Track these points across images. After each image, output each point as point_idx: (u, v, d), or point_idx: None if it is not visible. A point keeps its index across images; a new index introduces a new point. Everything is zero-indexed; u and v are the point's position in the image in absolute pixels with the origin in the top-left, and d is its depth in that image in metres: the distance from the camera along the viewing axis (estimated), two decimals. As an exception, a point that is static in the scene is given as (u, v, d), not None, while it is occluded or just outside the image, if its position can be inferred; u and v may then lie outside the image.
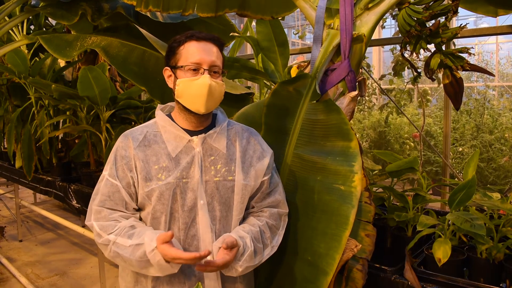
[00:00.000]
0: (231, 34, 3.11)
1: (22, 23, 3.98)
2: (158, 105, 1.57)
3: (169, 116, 1.51)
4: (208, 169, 1.45)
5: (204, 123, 1.49)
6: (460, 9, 2.20)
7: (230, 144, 1.50)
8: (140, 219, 1.47)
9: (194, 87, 1.38)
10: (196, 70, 1.39)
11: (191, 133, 1.46)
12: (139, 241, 1.33)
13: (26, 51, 4.04)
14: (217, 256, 1.35)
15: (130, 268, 1.41)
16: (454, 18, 1.98)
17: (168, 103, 1.57)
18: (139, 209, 1.47)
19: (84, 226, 4.73)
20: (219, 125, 1.50)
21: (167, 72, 1.48)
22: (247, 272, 1.44)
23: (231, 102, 2.26)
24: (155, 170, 1.40)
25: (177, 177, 1.40)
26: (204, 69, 1.39)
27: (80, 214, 3.93)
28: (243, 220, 1.52)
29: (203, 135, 1.46)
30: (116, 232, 1.37)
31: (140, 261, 1.32)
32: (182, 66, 1.40)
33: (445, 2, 1.90)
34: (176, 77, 1.43)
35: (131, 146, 1.43)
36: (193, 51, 1.40)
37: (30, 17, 4.03)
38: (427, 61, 2.04)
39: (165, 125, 1.47)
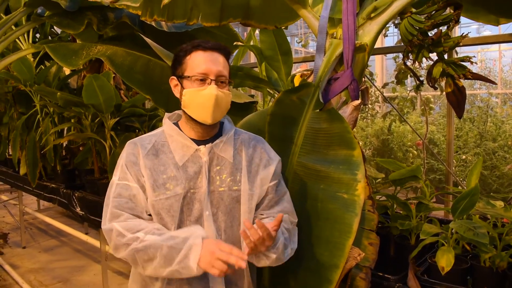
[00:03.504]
0: (234, 43, 3.14)
1: (28, 32, 4.02)
2: (166, 113, 1.55)
3: (176, 124, 1.50)
4: (214, 179, 1.44)
5: (210, 133, 1.48)
6: (462, 17, 2.22)
7: (236, 153, 1.49)
8: None
9: (200, 98, 1.38)
10: (202, 80, 1.38)
11: (198, 142, 1.45)
12: (175, 234, 1.31)
13: (32, 59, 4.08)
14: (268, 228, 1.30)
15: (148, 266, 1.32)
16: (456, 25, 2.00)
17: (175, 111, 1.55)
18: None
19: (87, 233, 4.75)
20: (225, 134, 1.49)
21: (173, 81, 1.47)
22: (275, 265, 1.40)
23: (234, 111, 2.26)
24: (163, 179, 1.39)
25: (185, 187, 1.39)
26: (211, 80, 1.38)
27: (84, 221, 3.94)
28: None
29: (210, 144, 1.45)
30: (145, 231, 1.33)
31: (171, 249, 1.28)
32: (188, 77, 1.39)
33: (446, 12, 1.92)
34: (182, 87, 1.42)
35: (140, 154, 1.42)
36: (200, 61, 1.39)
37: (36, 26, 4.07)
38: (429, 70, 2.05)
39: (173, 134, 1.46)
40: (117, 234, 1.35)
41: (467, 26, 12.82)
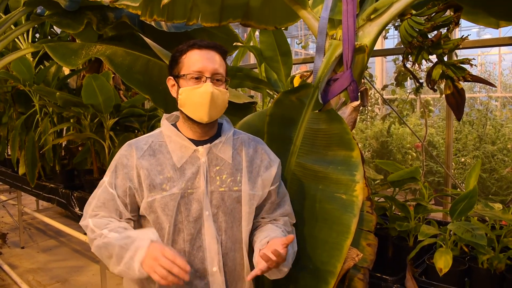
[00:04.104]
0: (234, 43, 3.14)
1: (28, 31, 4.02)
2: (164, 114, 1.55)
3: (175, 125, 1.50)
4: (214, 179, 1.43)
5: (209, 133, 1.48)
6: (463, 20, 2.22)
7: (236, 153, 1.48)
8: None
9: (196, 96, 1.38)
10: (198, 78, 1.38)
11: (197, 143, 1.45)
12: (131, 234, 1.31)
13: (31, 58, 4.08)
14: (279, 249, 1.30)
15: (110, 263, 1.34)
16: (457, 29, 2.00)
17: (174, 112, 1.56)
18: (138, 218, 1.46)
19: (86, 233, 4.74)
20: (224, 135, 1.49)
21: (170, 81, 1.47)
22: (284, 275, 1.41)
23: (233, 111, 2.27)
24: (160, 180, 1.39)
25: (182, 188, 1.39)
26: (206, 77, 1.38)
27: (82, 221, 3.93)
28: (253, 230, 1.50)
29: (208, 145, 1.45)
30: (110, 228, 1.35)
31: (121, 248, 1.28)
32: (184, 75, 1.40)
33: (447, 14, 1.93)
34: (179, 86, 1.42)
35: (134, 156, 1.42)
36: (195, 60, 1.39)
37: (36, 26, 4.07)
38: (429, 72, 2.06)
39: (171, 135, 1.46)
40: (89, 230, 1.39)
41: (468, 30, 12.85)
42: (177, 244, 1.41)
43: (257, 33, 3.83)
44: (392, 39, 11.93)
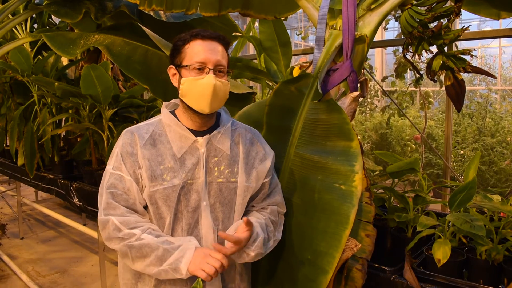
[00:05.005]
0: (234, 33, 3.12)
1: (26, 21, 3.99)
2: (164, 103, 1.55)
3: (173, 113, 1.50)
4: (212, 170, 1.44)
5: (208, 123, 1.48)
6: (463, 13, 2.21)
7: (233, 145, 1.49)
8: None
9: (198, 87, 1.37)
10: (201, 69, 1.38)
11: (196, 133, 1.45)
12: (172, 239, 1.37)
13: (30, 49, 4.05)
14: (237, 233, 1.39)
15: (138, 262, 1.35)
16: (457, 22, 1.99)
17: (172, 100, 1.56)
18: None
19: (85, 224, 4.75)
20: (223, 126, 1.49)
21: (171, 70, 1.46)
22: (257, 259, 1.45)
23: (233, 101, 2.26)
24: (160, 170, 1.39)
25: (182, 178, 1.40)
26: (209, 69, 1.38)
27: (81, 212, 3.94)
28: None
29: (207, 136, 1.45)
30: (142, 229, 1.35)
31: (166, 251, 1.32)
32: (187, 65, 1.39)
33: (447, 4, 1.91)
34: (180, 76, 1.41)
35: (137, 144, 1.41)
36: (198, 50, 1.38)
37: (34, 16, 4.04)
38: (429, 63, 2.04)
39: (171, 124, 1.45)
40: (114, 227, 1.36)
41: (468, 22, 12.80)
42: (175, 232, 1.42)
43: (256, 24, 3.81)
44: (392, 31, 11.90)
